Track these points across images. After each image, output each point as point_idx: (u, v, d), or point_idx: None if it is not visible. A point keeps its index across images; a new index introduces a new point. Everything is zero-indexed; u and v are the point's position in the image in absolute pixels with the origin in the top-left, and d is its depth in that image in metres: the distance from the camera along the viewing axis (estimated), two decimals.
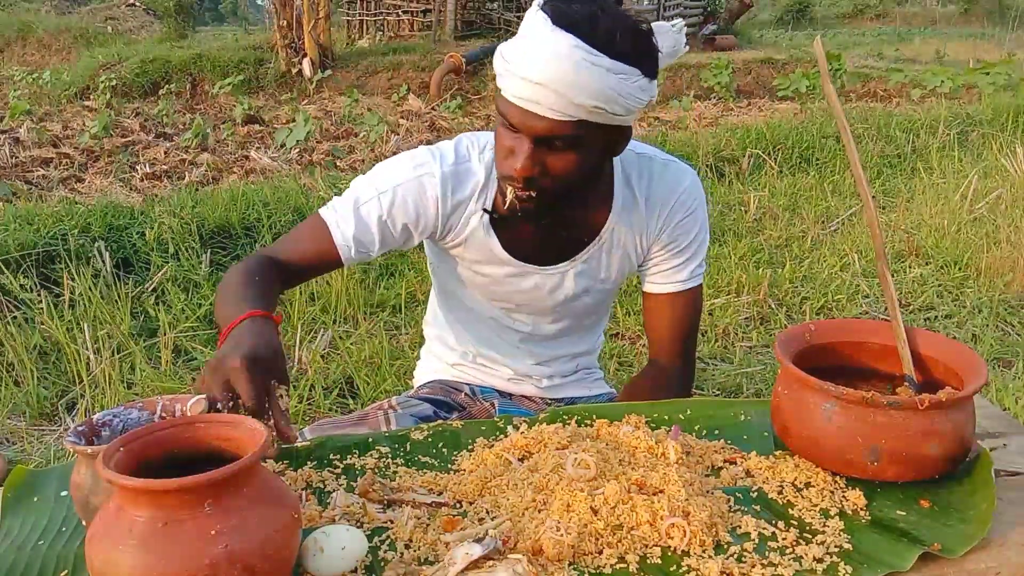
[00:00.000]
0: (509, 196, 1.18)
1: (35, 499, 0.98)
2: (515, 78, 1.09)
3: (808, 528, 0.91)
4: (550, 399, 1.55)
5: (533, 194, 1.16)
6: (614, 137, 1.19)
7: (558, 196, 1.19)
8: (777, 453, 1.06)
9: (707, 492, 0.96)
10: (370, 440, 1.10)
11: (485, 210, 1.29)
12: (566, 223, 1.31)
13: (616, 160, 1.31)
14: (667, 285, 1.39)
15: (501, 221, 1.31)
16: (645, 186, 1.34)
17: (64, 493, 0.97)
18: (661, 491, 0.93)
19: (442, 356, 1.57)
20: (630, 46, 1.09)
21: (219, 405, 0.95)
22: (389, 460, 1.06)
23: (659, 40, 1.13)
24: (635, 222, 1.35)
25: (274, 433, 0.98)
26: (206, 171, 6.00)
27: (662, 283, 1.39)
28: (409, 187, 1.27)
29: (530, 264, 1.35)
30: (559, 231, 1.31)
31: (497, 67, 1.13)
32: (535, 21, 1.08)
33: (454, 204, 1.29)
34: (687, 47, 1.20)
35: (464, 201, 1.30)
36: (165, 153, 6.74)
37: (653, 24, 1.14)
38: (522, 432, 1.08)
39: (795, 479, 1.00)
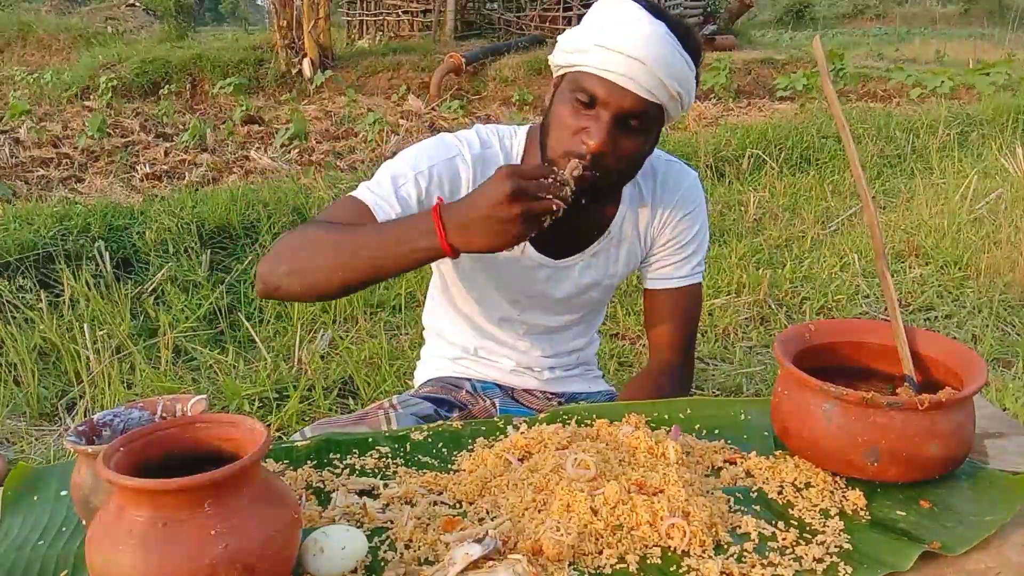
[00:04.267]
0: (568, 173, 1.16)
1: (35, 499, 0.98)
2: (608, 52, 1.11)
3: (808, 528, 0.91)
4: (551, 393, 1.55)
5: (596, 174, 1.16)
6: (658, 136, 1.25)
7: (613, 183, 1.21)
8: (777, 453, 1.06)
9: (707, 492, 0.96)
10: (370, 440, 1.10)
11: None
12: (581, 214, 1.31)
13: None
14: (669, 281, 1.41)
15: None
16: (652, 182, 1.37)
17: (64, 493, 0.97)
18: (661, 491, 0.93)
19: (443, 352, 1.57)
20: (697, 45, 1.17)
21: (547, 193, 1.02)
22: (389, 460, 1.06)
23: None
24: (641, 217, 1.38)
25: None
26: (206, 171, 5.99)
27: (664, 280, 1.41)
28: (444, 167, 1.26)
29: (545, 256, 1.36)
30: (572, 223, 1.32)
31: (576, 44, 1.15)
32: (627, 5, 1.13)
33: None
34: None
35: None
36: (165, 153, 6.74)
37: None
38: (522, 432, 1.08)
39: (795, 479, 1.00)
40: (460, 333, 1.53)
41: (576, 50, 1.15)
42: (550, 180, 1.04)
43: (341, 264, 1.12)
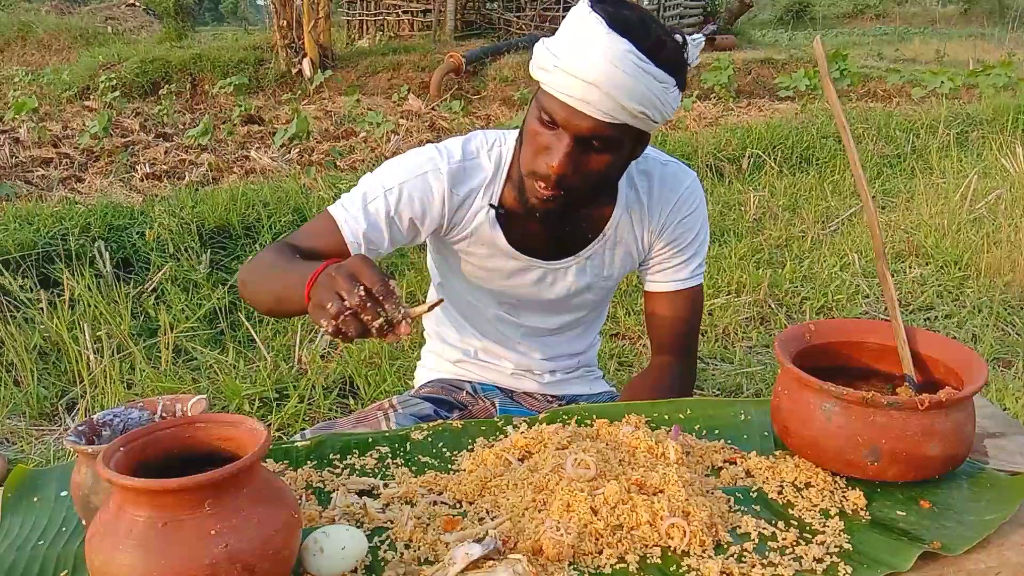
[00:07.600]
0: (534, 194, 1.18)
1: (35, 499, 0.98)
2: (565, 75, 1.10)
3: (808, 528, 0.91)
4: (552, 395, 1.55)
5: (560, 193, 1.17)
6: (641, 143, 1.22)
7: (582, 197, 1.20)
8: (777, 453, 1.06)
9: (707, 492, 0.96)
10: (370, 440, 1.10)
11: (491, 205, 1.31)
12: (572, 219, 1.32)
13: None
14: (669, 284, 1.40)
15: (507, 216, 1.32)
16: (648, 184, 1.36)
17: (64, 493, 0.97)
18: (661, 491, 0.93)
19: (443, 353, 1.57)
20: (674, 56, 1.12)
21: (345, 301, 0.88)
22: (389, 460, 1.06)
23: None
24: (638, 220, 1.37)
25: (406, 318, 0.90)
26: (206, 171, 5.99)
27: (664, 282, 1.41)
28: (415, 184, 1.28)
29: (535, 259, 1.36)
30: (564, 227, 1.32)
31: (543, 62, 1.14)
32: (589, 21, 1.10)
33: (460, 199, 1.31)
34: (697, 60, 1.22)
35: (471, 195, 1.31)
36: (165, 153, 6.73)
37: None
38: (522, 432, 1.08)
39: (795, 479, 1.00)
40: (459, 335, 1.53)
41: (542, 68, 1.14)
42: (361, 298, 0.89)
43: (269, 291, 1.18)
